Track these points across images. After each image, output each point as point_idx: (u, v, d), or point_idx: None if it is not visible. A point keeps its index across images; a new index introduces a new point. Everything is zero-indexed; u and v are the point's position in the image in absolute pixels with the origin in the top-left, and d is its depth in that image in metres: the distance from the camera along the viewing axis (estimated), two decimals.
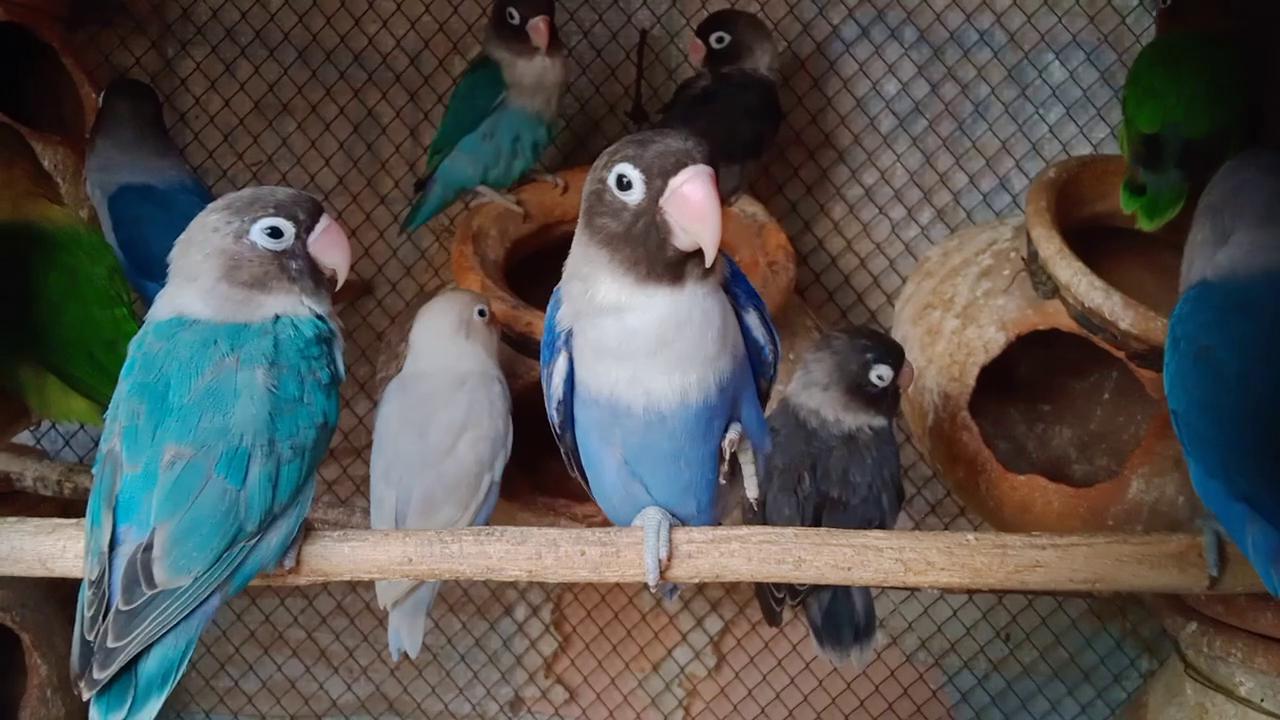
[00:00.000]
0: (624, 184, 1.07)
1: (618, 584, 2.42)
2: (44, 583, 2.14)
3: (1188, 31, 1.97)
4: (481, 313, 1.79)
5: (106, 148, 1.87)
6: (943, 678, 2.47)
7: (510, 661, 2.48)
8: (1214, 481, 1.10)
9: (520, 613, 2.47)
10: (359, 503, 2.21)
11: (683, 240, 1.06)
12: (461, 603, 2.46)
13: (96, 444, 1.17)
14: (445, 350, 1.77)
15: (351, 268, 1.26)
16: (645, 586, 1.20)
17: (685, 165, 1.05)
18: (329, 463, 2.37)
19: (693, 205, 1.04)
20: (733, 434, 1.15)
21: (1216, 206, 1.21)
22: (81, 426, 2.33)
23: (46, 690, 2.06)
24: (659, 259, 1.07)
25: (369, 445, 2.34)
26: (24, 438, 2.26)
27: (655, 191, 1.06)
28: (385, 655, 2.46)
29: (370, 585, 2.27)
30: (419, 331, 1.80)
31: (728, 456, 1.15)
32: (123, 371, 1.16)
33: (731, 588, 2.44)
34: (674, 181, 1.05)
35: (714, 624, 2.47)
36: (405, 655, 1.73)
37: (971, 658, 2.45)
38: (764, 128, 2.09)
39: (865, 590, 1.75)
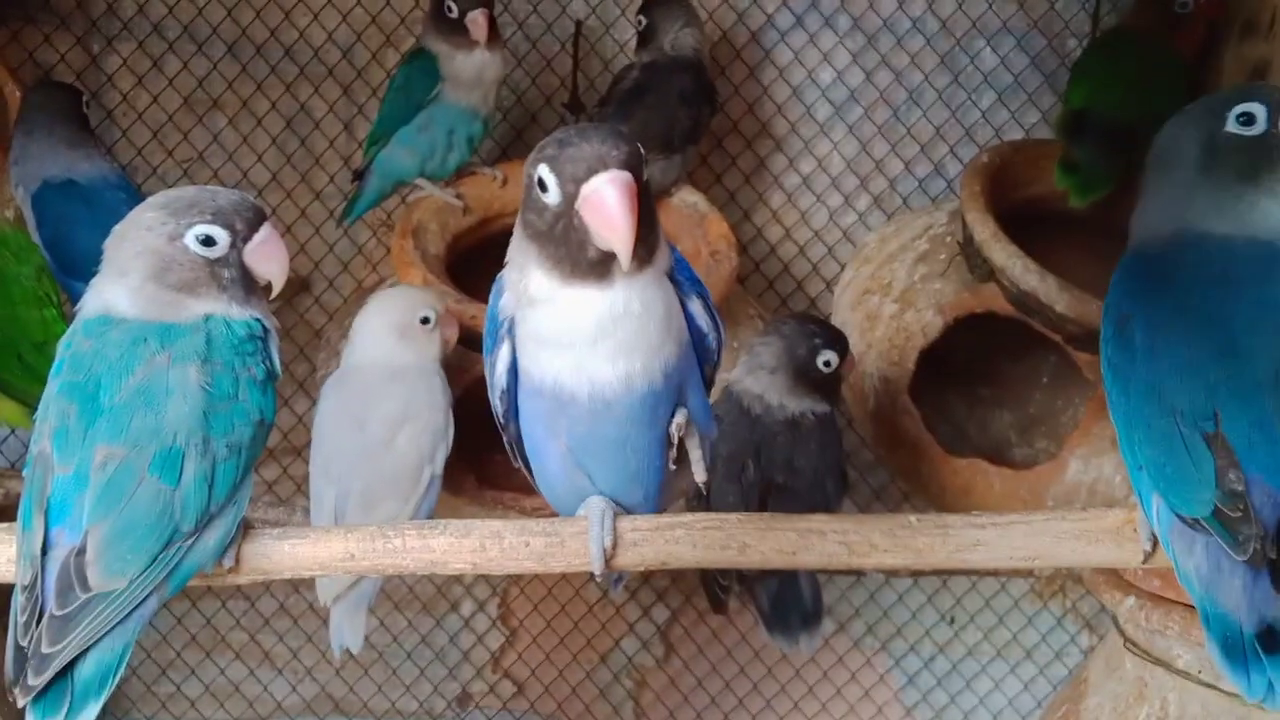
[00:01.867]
0: (543, 186, 1.06)
1: (564, 576, 2.42)
2: None
3: (1133, 27, 2.06)
4: (425, 319, 1.76)
5: (26, 144, 1.84)
6: (889, 661, 2.49)
7: (457, 657, 2.47)
8: (1124, 449, 1.13)
9: (466, 608, 2.46)
10: (300, 502, 2.19)
11: (600, 243, 1.05)
12: (407, 600, 2.44)
13: (27, 448, 1.14)
14: (380, 347, 1.75)
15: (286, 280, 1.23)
16: (591, 576, 1.19)
17: (597, 171, 1.03)
18: (269, 462, 2.34)
19: (603, 212, 1.03)
20: (679, 418, 1.14)
21: (1146, 171, 1.23)
22: (12, 431, 2.29)
23: None
24: (581, 259, 1.07)
25: (309, 444, 2.31)
26: None
27: (569, 196, 1.05)
28: (330, 655, 2.42)
29: (313, 585, 2.25)
30: (358, 324, 1.78)
31: (675, 441, 1.15)
32: (51, 371, 1.14)
33: (677, 576, 2.45)
34: (585, 188, 1.04)
35: (661, 613, 2.47)
36: (349, 653, 1.72)
37: (917, 641, 2.48)
38: (701, 112, 2.09)
39: (812, 576, 1.77)
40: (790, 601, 1.75)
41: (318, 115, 2.31)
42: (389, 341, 1.73)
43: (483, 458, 1.96)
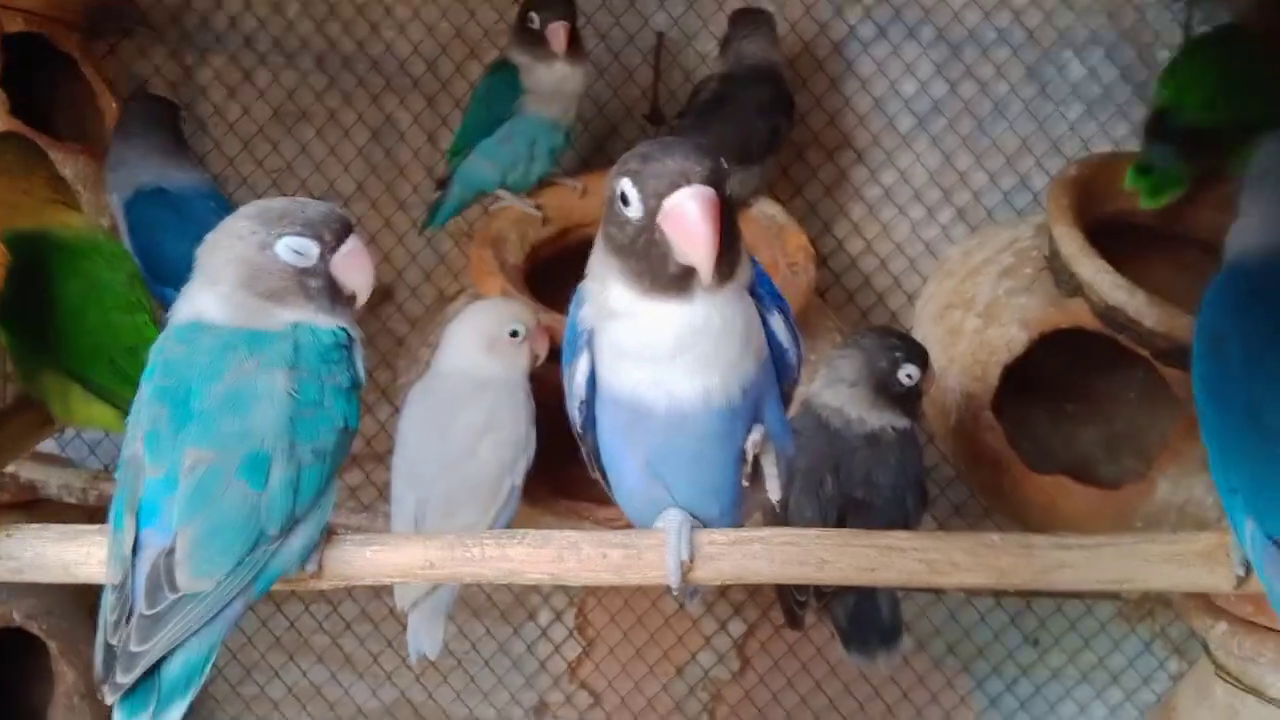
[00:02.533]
0: (625, 200, 1.06)
1: (640, 588, 2.41)
2: (70, 590, 2.16)
3: (1233, 25, 1.98)
4: (515, 333, 1.77)
5: (123, 152, 1.88)
6: (971, 683, 2.45)
7: (534, 666, 2.48)
8: (1215, 471, 1.10)
9: (544, 617, 2.47)
10: (381, 507, 2.21)
11: (681, 257, 1.05)
12: (485, 607, 2.46)
13: (119, 452, 1.17)
14: (468, 357, 1.77)
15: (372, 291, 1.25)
16: (668, 589, 1.19)
17: (680, 186, 1.03)
18: (352, 468, 2.37)
19: (684, 227, 1.03)
20: (756, 435, 1.14)
21: (1244, 186, 1.20)
22: (106, 434, 2.34)
23: (74, 697, 2.08)
24: (662, 273, 1.07)
25: (391, 450, 2.35)
26: (49, 446, 2.27)
27: (651, 210, 1.05)
28: (409, 661, 2.45)
29: (393, 590, 2.27)
30: (449, 333, 1.80)
31: (750, 459, 1.14)
32: (144, 375, 1.16)
33: (754, 591, 2.43)
34: (667, 203, 1.04)
35: (738, 627, 2.46)
36: (428, 660, 1.73)
37: (1000, 662, 2.44)
38: (780, 121, 2.08)
39: (891, 593, 1.75)
40: (868, 618, 1.72)
41: (402, 126, 2.34)
42: (477, 352, 1.75)
43: (559, 468, 1.96)
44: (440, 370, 1.79)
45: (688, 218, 1.03)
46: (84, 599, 2.18)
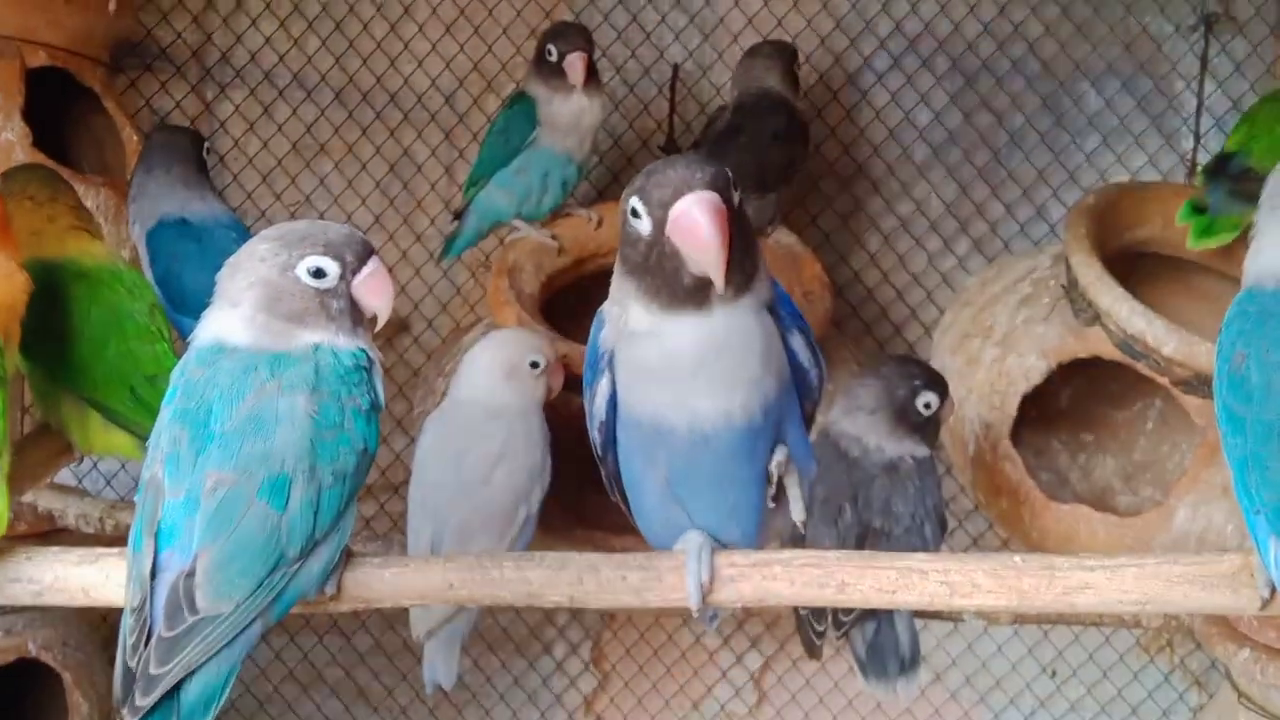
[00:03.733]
0: (635, 215, 1.07)
1: (657, 620, 2.41)
2: (85, 622, 2.16)
3: None
4: (535, 364, 1.78)
5: (145, 182, 1.89)
6: (988, 715, 2.43)
7: (550, 700, 2.47)
8: (1239, 492, 1.09)
9: (559, 650, 2.45)
10: (396, 538, 2.21)
11: (693, 266, 1.05)
12: (500, 641, 2.44)
13: (137, 484, 1.17)
14: (486, 385, 1.77)
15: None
16: (687, 614, 1.18)
17: (683, 193, 1.04)
18: (366, 499, 2.37)
19: (692, 233, 1.04)
20: (780, 456, 1.14)
21: (1260, 209, 1.20)
22: (123, 467, 2.35)
23: None
24: (678, 287, 1.07)
25: (406, 481, 2.33)
26: (66, 478, 2.28)
27: (659, 222, 1.06)
28: (424, 694, 2.44)
29: (407, 622, 2.27)
30: (468, 360, 1.80)
31: (775, 480, 1.14)
32: (165, 398, 1.17)
33: (771, 623, 2.42)
34: (672, 211, 1.04)
35: (754, 660, 2.45)
36: (443, 693, 1.72)
37: (1017, 694, 2.42)
38: (795, 150, 2.09)
39: (910, 622, 1.73)
40: (887, 647, 1.71)
41: (420, 160, 2.36)
42: (496, 380, 1.76)
43: (576, 496, 1.96)
44: (457, 399, 1.79)
45: (693, 223, 1.03)
46: (99, 631, 2.18)
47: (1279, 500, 1.05)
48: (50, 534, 2.00)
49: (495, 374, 1.76)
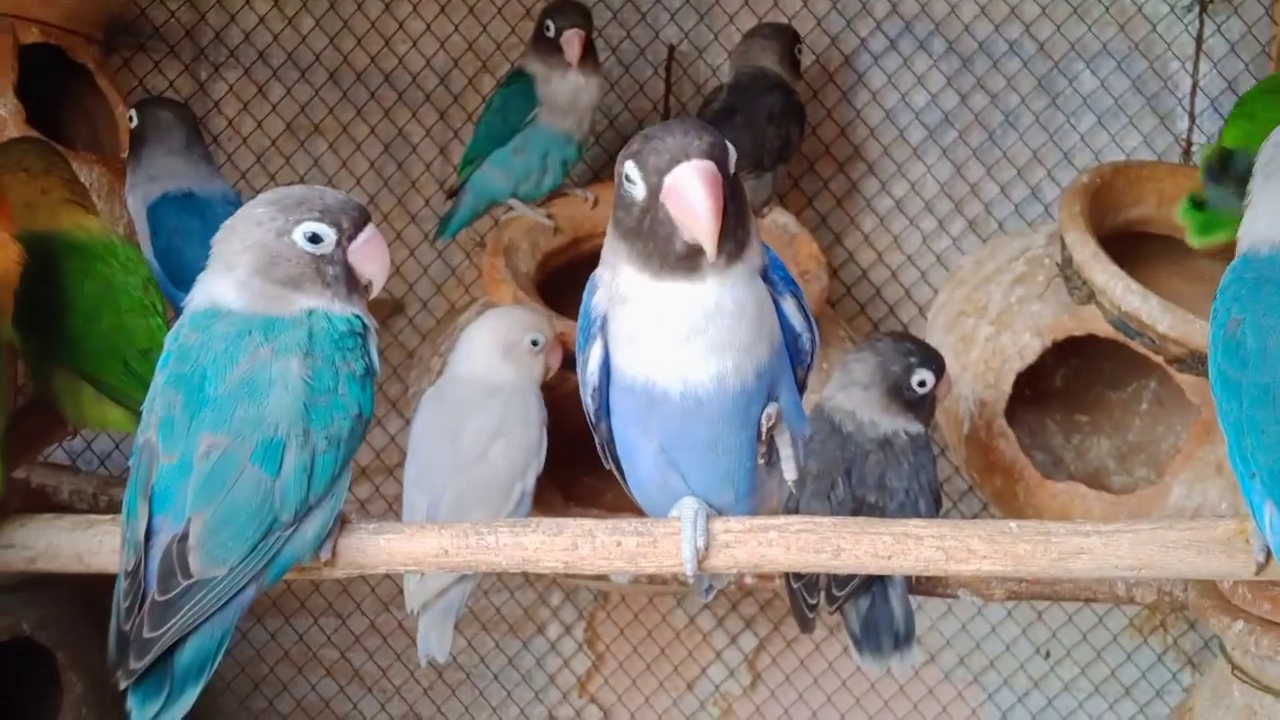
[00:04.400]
0: (630, 180, 1.07)
1: (651, 601, 2.41)
2: (78, 600, 2.16)
3: None
4: (535, 342, 1.78)
5: (147, 155, 1.87)
6: (982, 695, 2.44)
7: (544, 680, 2.47)
8: (1233, 457, 1.09)
9: (553, 631, 2.45)
10: (391, 520, 2.21)
11: (685, 234, 1.05)
12: (494, 621, 2.44)
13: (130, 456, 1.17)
14: (485, 361, 1.77)
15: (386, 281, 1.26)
16: (682, 594, 1.18)
17: (679, 161, 1.04)
18: (361, 480, 2.37)
19: (685, 201, 1.04)
20: (770, 409, 1.14)
21: (1254, 177, 1.20)
22: (117, 446, 2.35)
23: (81, 708, 2.06)
24: (670, 253, 1.07)
25: (401, 463, 2.34)
26: (59, 457, 2.27)
27: (654, 188, 1.06)
28: (419, 674, 2.45)
29: (402, 604, 2.27)
30: (468, 336, 1.80)
31: (765, 434, 1.14)
32: (159, 364, 1.16)
33: (766, 604, 2.42)
34: (668, 178, 1.04)
35: (749, 641, 2.45)
36: (438, 673, 1.71)
37: (1011, 674, 2.42)
38: (791, 130, 2.09)
39: (904, 597, 1.73)
40: (881, 622, 1.71)
41: (415, 140, 2.35)
42: (494, 357, 1.76)
43: (570, 475, 1.96)
44: (454, 375, 1.79)
45: (687, 191, 1.03)
46: (92, 610, 2.17)
47: (1274, 464, 1.05)
48: (44, 511, 1.99)
49: (493, 350, 1.76)
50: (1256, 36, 2.22)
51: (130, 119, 1.88)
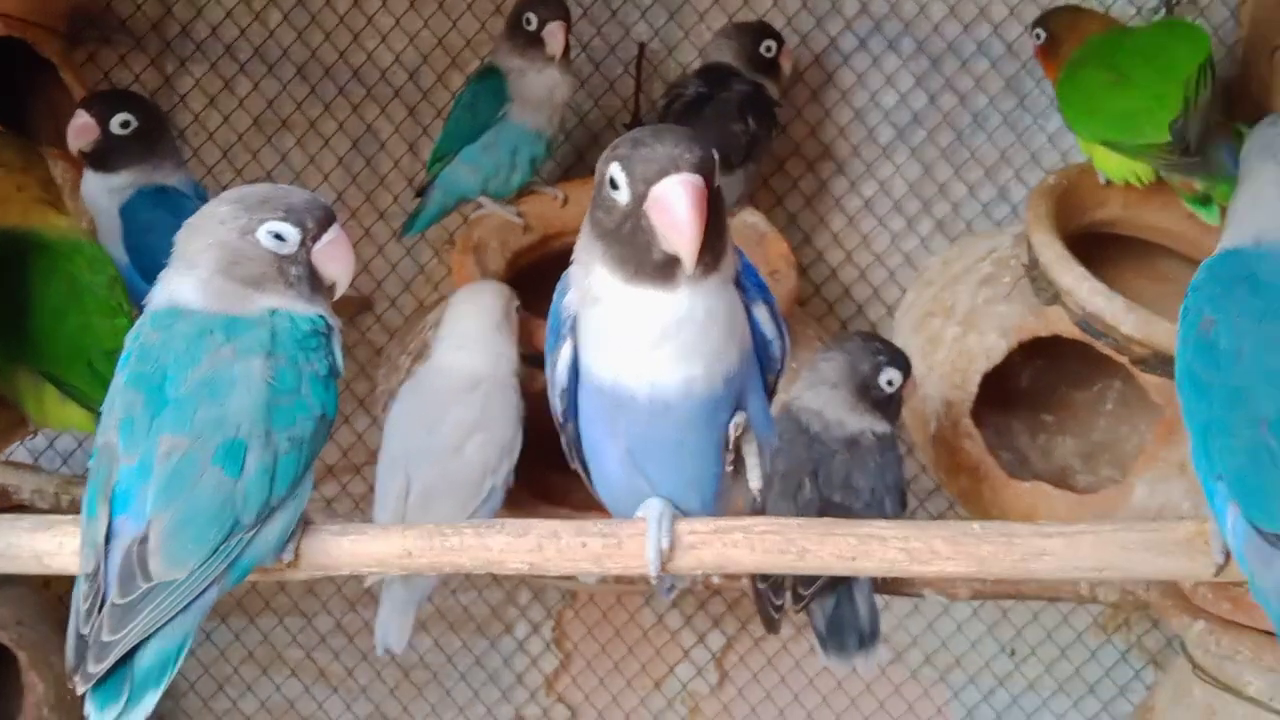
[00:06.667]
0: (613, 184, 1.06)
1: (619, 600, 2.40)
2: (41, 601, 2.14)
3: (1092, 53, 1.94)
4: (518, 309, 1.82)
5: (129, 151, 1.83)
6: (948, 693, 2.45)
7: (511, 679, 2.46)
8: (1198, 458, 1.10)
9: (521, 630, 2.45)
10: (358, 520, 2.20)
11: (665, 245, 1.05)
12: (461, 620, 2.44)
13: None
14: (484, 339, 1.77)
15: (351, 282, 1.25)
16: (649, 593, 1.19)
17: (668, 173, 1.04)
18: (328, 480, 2.35)
19: (669, 214, 1.03)
20: (738, 419, 1.14)
21: (1242, 170, 1.20)
22: (79, 445, 2.32)
23: (43, 709, 2.04)
24: (646, 260, 1.07)
25: (368, 462, 2.34)
26: (22, 456, 2.25)
27: (639, 196, 1.05)
28: (385, 674, 2.44)
29: (369, 603, 2.26)
30: (459, 316, 1.80)
31: (732, 441, 1.14)
32: (119, 363, 1.15)
33: (734, 604, 2.43)
34: (655, 189, 1.04)
35: (716, 640, 2.45)
36: (403, 673, 1.70)
37: (977, 672, 2.43)
38: (760, 129, 2.08)
39: (870, 596, 1.74)
40: (847, 621, 1.71)
41: (383, 136, 2.34)
42: (492, 333, 1.77)
43: (539, 473, 1.96)
44: (439, 363, 1.78)
45: (674, 206, 1.03)
46: (54, 610, 2.15)
47: (1240, 466, 1.05)
48: (4, 510, 1.97)
49: (494, 323, 1.77)
50: (1221, 39, 2.24)
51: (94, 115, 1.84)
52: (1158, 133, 1.80)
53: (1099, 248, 2.01)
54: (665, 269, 1.07)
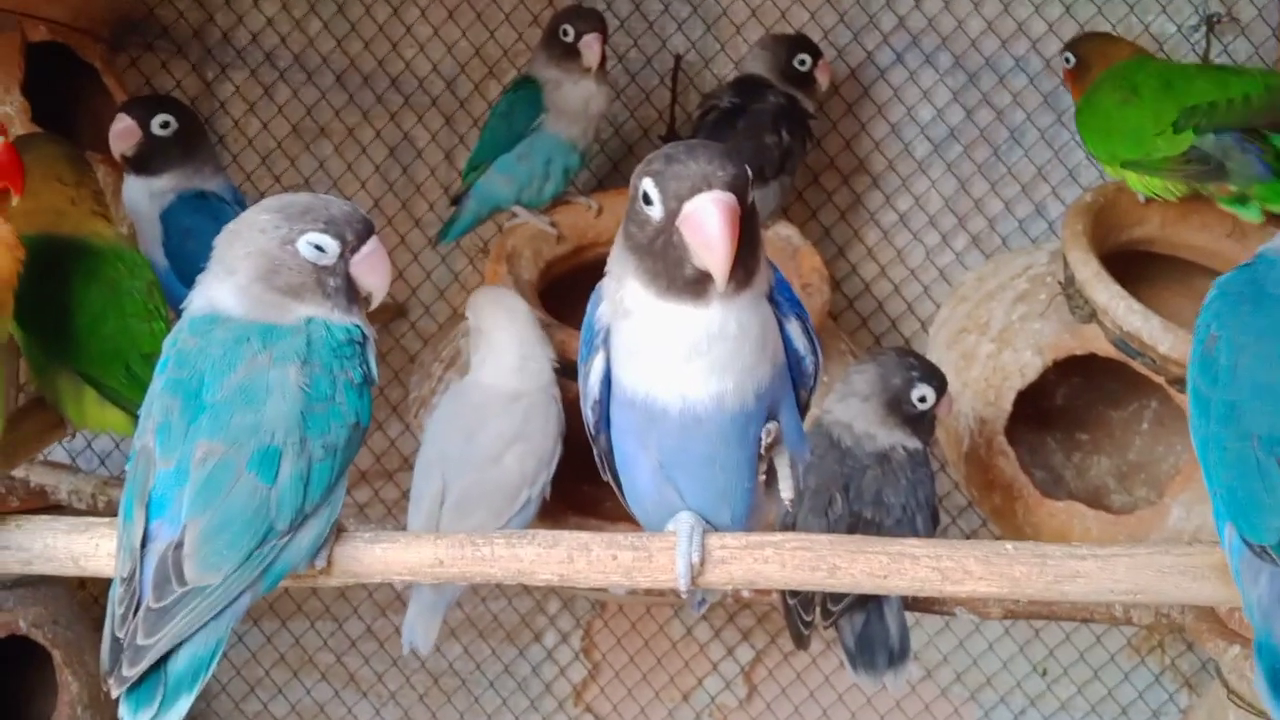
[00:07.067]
0: (647, 199, 1.07)
1: (649, 611, 2.40)
2: (76, 600, 2.16)
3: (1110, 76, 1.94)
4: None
5: (170, 156, 1.85)
6: (979, 712, 2.43)
7: (539, 688, 2.46)
8: (1204, 476, 1.09)
9: (550, 639, 2.45)
10: (390, 526, 2.21)
11: (698, 262, 1.05)
12: (491, 628, 2.44)
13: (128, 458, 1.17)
14: (527, 349, 1.78)
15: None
16: (679, 605, 1.18)
17: (701, 190, 1.03)
18: (361, 485, 2.37)
19: (702, 233, 1.03)
20: (770, 426, 1.13)
21: None
22: (117, 445, 2.35)
23: (77, 708, 2.06)
24: (678, 275, 1.07)
25: (401, 468, 2.35)
26: (60, 456, 2.27)
27: (671, 212, 1.05)
28: (414, 680, 2.45)
29: (400, 609, 2.26)
30: (499, 324, 1.80)
31: (764, 451, 1.14)
32: (157, 368, 1.16)
33: (763, 617, 2.42)
34: (687, 206, 1.04)
35: (745, 653, 2.44)
36: (433, 680, 1.70)
37: (1008, 692, 2.41)
38: (794, 142, 2.08)
39: (900, 613, 1.73)
40: (876, 639, 1.71)
41: (420, 144, 2.35)
42: (536, 343, 1.78)
43: (571, 484, 1.96)
44: (479, 380, 1.79)
45: (706, 223, 1.03)
46: (89, 609, 2.18)
47: (1232, 482, 1.05)
48: (42, 510, 1.99)
49: (528, 334, 1.79)
50: (1263, 57, 2.22)
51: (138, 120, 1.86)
52: (1169, 146, 1.79)
53: (1137, 266, 2.00)
54: (697, 285, 1.07)
